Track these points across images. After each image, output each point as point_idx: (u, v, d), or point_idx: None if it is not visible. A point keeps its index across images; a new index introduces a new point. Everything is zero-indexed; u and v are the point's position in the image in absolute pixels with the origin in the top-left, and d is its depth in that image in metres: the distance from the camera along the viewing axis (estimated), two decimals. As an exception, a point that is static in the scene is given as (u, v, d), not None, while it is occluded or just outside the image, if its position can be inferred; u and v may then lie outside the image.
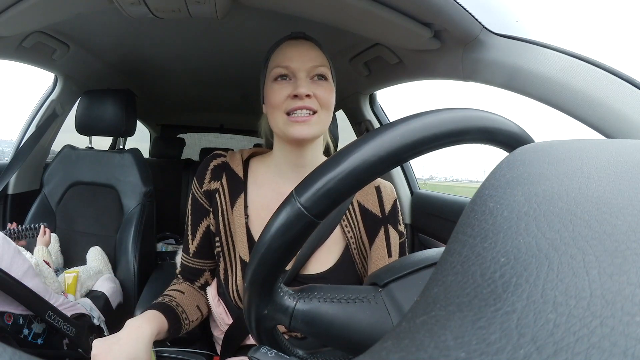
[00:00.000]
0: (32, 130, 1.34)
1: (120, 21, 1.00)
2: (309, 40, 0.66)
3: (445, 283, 0.15)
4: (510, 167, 0.20)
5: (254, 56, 1.19)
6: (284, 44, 0.65)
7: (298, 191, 0.29)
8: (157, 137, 2.67)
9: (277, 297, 0.34)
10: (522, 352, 0.11)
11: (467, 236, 0.17)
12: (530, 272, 0.13)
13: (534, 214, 0.16)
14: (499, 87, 0.69)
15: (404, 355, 0.13)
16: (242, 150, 0.75)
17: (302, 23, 0.76)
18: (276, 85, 0.63)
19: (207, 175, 0.70)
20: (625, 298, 0.11)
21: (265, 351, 0.37)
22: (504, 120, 0.30)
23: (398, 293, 0.34)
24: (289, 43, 0.65)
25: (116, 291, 1.15)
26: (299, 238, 0.30)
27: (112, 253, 1.27)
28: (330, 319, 0.33)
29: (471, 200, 0.19)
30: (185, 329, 0.66)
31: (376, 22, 0.74)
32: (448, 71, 0.82)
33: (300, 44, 0.65)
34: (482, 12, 0.67)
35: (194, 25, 1.05)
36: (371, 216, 0.68)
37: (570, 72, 0.59)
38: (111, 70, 1.46)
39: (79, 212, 1.31)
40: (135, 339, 0.53)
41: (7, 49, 0.99)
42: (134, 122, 1.39)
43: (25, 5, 0.75)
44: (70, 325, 0.89)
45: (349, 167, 0.28)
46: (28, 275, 0.84)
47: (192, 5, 0.74)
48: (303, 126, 0.61)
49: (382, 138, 0.28)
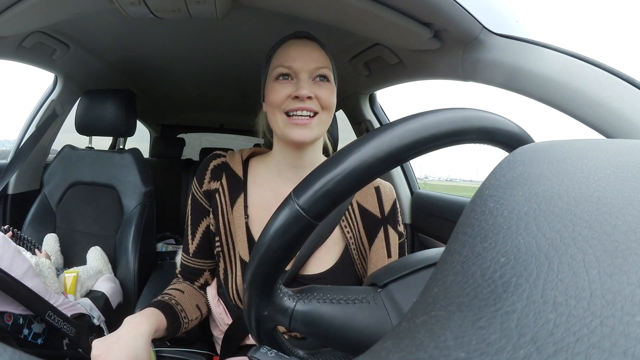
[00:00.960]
0: (32, 130, 1.34)
1: (120, 21, 1.00)
2: (313, 40, 0.66)
3: (445, 283, 0.15)
4: (510, 167, 0.20)
5: (254, 56, 1.19)
6: (287, 43, 0.65)
7: (296, 193, 0.29)
8: (157, 137, 2.67)
9: (276, 298, 0.34)
10: (522, 352, 0.11)
11: (467, 236, 0.17)
12: (530, 272, 0.13)
13: (534, 214, 0.16)
14: (499, 87, 0.69)
15: (404, 355, 0.13)
16: (241, 150, 0.75)
17: (302, 23, 0.76)
18: (277, 84, 0.63)
19: (207, 175, 0.70)
20: (625, 298, 0.11)
21: (265, 351, 0.37)
22: (503, 120, 0.30)
23: (397, 293, 0.34)
24: (293, 42, 0.65)
25: (116, 291, 1.15)
26: (297, 239, 0.30)
27: (112, 253, 1.27)
28: (329, 319, 0.33)
29: (471, 200, 0.19)
30: (185, 327, 0.66)
31: (376, 22, 0.74)
32: (448, 71, 0.82)
33: (304, 43, 0.64)
34: (482, 12, 0.67)
35: (194, 25, 1.05)
36: (371, 217, 0.68)
37: (570, 72, 0.59)
38: (111, 70, 1.46)
39: (79, 212, 1.31)
40: (134, 337, 0.52)
41: (7, 49, 0.99)
42: (134, 122, 1.39)
43: (25, 5, 0.75)
44: (70, 325, 0.89)
45: (347, 168, 0.28)
46: (28, 275, 0.84)
47: (192, 5, 0.74)
48: (303, 129, 0.61)
49: (381, 139, 0.28)
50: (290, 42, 0.65)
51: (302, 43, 0.64)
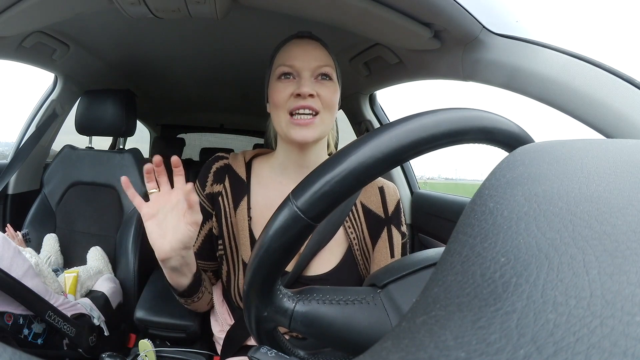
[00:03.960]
0: (32, 130, 1.34)
1: (120, 21, 1.00)
2: (315, 39, 0.66)
3: (445, 283, 0.15)
4: (510, 167, 0.20)
5: (254, 56, 1.19)
6: (289, 43, 0.65)
7: (295, 194, 0.29)
8: (157, 137, 2.67)
9: (276, 299, 0.34)
10: (522, 352, 0.11)
11: (467, 236, 0.17)
12: (530, 272, 0.13)
13: (534, 214, 0.16)
14: (499, 87, 0.69)
15: (404, 356, 0.13)
16: (244, 152, 0.74)
17: (302, 23, 0.76)
18: (280, 83, 0.62)
19: (210, 178, 0.70)
20: (625, 298, 0.11)
21: (265, 351, 0.37)
22: (503, 120, 0.30)
23: (397, 294, 0.34)
24: (295, 42, 0.65)
25: (116, 291, 1.15)
26: (296, 241, 0.30)
27: (112, 253, 1.27)
28: (329, 320, 0.33)
29: (471, 200, 0.19)
30: (198, 296, 0.68)
31: (376, 22, 0.74)
32: (448, 71, 0.82)
33: (306, 43, 0.64)
34: (482, 12, 0.67)
35: (194, 25, 1.05)
36: (374, 217, 0.68)
37: (570, 72, 0.59)
38: (111, 70, 1.46)
39: (79, 212, 1.31)
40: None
41: (7, 49, 0.99)
42: (134, 122, 1.39)
43: (25, 5, 0.75)
44: (70, 325, 0.89)
45: (345, 169, 0.27)
46: (28, 275, 0.84)
47: (192, 5, 0.74)
48: (305, 129, 0.60)
49: (379, 139, 0.28)
50: (292, 41, 0.65)
51: (304, 42, 0.65)
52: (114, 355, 0.74)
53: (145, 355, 0.81)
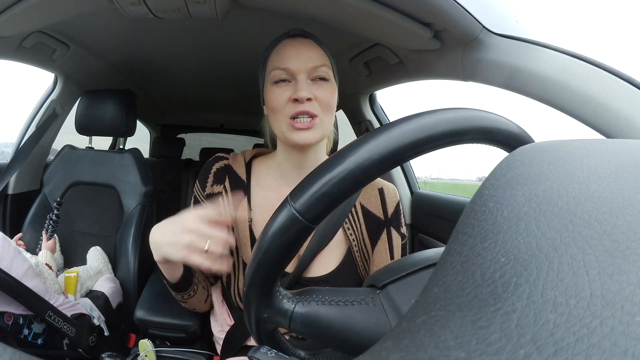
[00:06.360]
0: (32, 130, 1.34)
1: (120, 21, 1.00)
2: (309, 37, 0.64)
3: (445, 283, 0.15)
4: (510, 167, 0.20)
5: (254, 56, 1.19)
6: (282, 43, 0.63)
7: (293, 196, 0.29)
8: (157, 137, 2.67)
9: (275, 300, 0.34)
10: (522, 352, 0.11)
11: (467, 236, 0.17)
12: (530, 272, 0.13)
13: (534, 214, 0.16)
14: (499, 87, 0.69)
15: (403, 355, 0.13)
16: (244, 152, 0.74)
17: (302, 23, 0.76)
18: (276, 88, 0.61)
19: (210, 178, 0.70)
20: (625, 298, 0.11)
21: (265, 351, 0.37)
22: (503, 120, 0.30)
23: (396, 295, 0.34)
24: (288, 42, 0.63)
25: (116, 291, 1.15)
26: (294, 243, 0.30)
27: (112, 253, 1.27)
28: (328, 321, 0.33)
29: (471, 200, 0.19)
30: (194, 289, 0.67)
31: (376, 22, 0.74)
32: (448, 71, 0.82)
33: (300, 42, 0.62)
34: (482, 12, 0.67)
35: (194, 25, 1.05)
36: (374, 218, 0.68)
37: (570, 72, 0.59)
38: (111, 70, 1.46)
39: (79, 212, 1.31)
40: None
41: (7, 49, 0.99)
42: (134, 122, 1.39)
43: (25, 5, 0.75)
44: (70, 325, 0.89)
45: (343, 170, 0.27)
46: (28, 275, 0.84)
47: (192, 5, 0.74)
48: (306, 132, 0.59)
49: (378, 140, 0.28)
50: (285, 41, 0.63)
51: (297, 42, 0.62)
52: (114, 355, 0.74)
53: (145, 355, 0.81)
